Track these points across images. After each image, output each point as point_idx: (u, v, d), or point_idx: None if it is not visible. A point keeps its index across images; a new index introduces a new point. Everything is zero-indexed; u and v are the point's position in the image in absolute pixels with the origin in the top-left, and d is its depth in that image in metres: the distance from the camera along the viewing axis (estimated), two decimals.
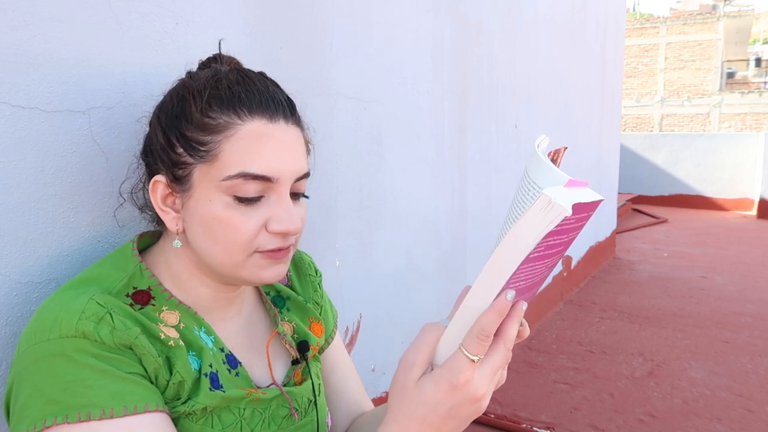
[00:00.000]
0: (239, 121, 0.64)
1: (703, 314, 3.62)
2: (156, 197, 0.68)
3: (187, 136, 0.65)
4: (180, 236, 0.69)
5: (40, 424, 0.56)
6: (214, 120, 0.64)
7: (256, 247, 0.66)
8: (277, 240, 0.66)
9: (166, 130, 0.67)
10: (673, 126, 22.63)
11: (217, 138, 0.64)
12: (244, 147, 0.64)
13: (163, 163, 0.67)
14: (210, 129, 0.64)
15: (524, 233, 0.48)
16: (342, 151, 1.50)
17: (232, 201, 0.64)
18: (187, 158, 0.65)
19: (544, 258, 0.52)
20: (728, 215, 8.09)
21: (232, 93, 0.65)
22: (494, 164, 2.53)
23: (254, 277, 0.68)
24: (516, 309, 0.55)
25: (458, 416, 0.56)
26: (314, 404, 0.79)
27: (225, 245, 0.65)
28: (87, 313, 0.59)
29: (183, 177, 0.66)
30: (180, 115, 0.66)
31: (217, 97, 0.65)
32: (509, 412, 2.33)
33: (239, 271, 0.67)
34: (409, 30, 1.78)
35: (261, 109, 0.66)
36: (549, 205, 0.46)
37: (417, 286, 1.95)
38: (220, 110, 0.65)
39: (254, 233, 0.65)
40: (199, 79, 0.68)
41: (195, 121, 0.65)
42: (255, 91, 0.66)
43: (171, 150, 0.66)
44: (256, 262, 0.67)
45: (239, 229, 0.64)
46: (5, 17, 0.71)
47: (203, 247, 0.67)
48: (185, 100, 0.66)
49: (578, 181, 0.49)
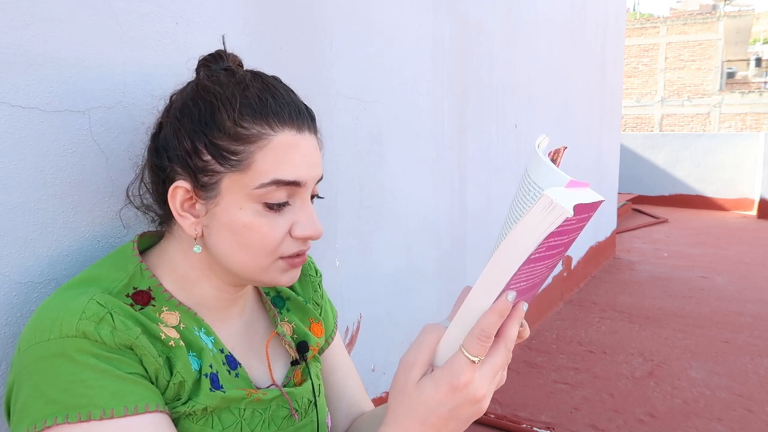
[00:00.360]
0: (272, 132, 0.65)
1: (703, 314, 3.62)
2: (175, 202, 0.67)
3: (218, 145, 0.65)
4: (198, 240, 0.69)
5: (40, 424, 0.56)
6: (247, 130, 0.65)
7: (280, 254, 0.68)
8: (299, 244, 0.69)
9: (191, 136, 0.66)
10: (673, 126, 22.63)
11: (251, 148, 0.65)
12: (277, 157, 0.65)
13: (186, 168, 0.66)
14: (243, 139, 0.65)
15: (525, 234, 0.47)
16: (342, 151, 1.50)
17: (261, 209, 0.66)
18: (215, 166, 0.65)
19: (545, 259, 0.52)
20: (728, 215, 8.09)
21: (262, 103, 0.66)
22: (494, 164, 2.53)
23: (273, 281, 0.70)
24: (517, 310, 0.55)
25: (459, 417, 0.56)
26: (314, 405, 0.79)
27: (251, 251, 0.67)
28: (88, 313, 0.59)
29: (210, 184, 0.66)
30: (210, 122, 0.65)
31: (248, 107, 0.65)
32: (509, 412, 2.33)
33: (261, 275, 0.69)
34: (409, 30, 1.78)
35: (291, 120, 0.67)
36: (550, 205, 0.46)
37: (417, 286, 1.95)
38: (253, 120, 0.65)
39: (280, 239, 0.67)
40: (224, 84, 0.67)
41: (227, 130, 0.65)
42: (283, 103, 0.67)
43: (197, 156, 0.66)
44: (279, 266, 0.69)
45: (268, 236, 0.66)
46: (5, 17, 0.70)
47: (228, 252, 0.67)
48: (214, 107, 0.65)
49: (579, 182, 0.49)
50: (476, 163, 2.34)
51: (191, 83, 0.70)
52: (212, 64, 0.72)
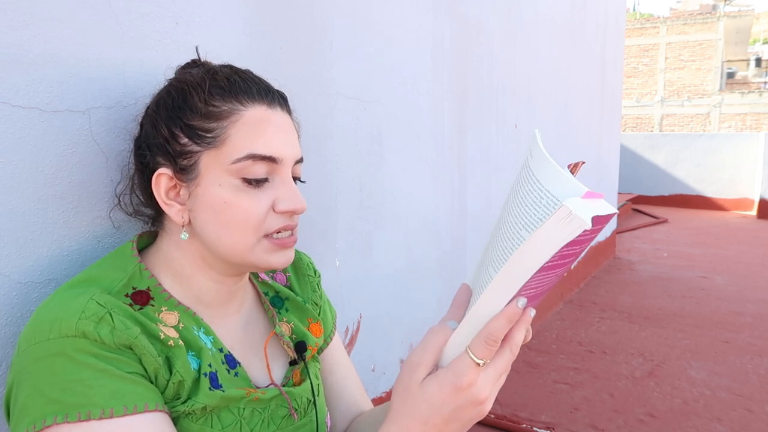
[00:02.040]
0: (242, 107, 0.68)
1: (703, 314, 3.62)
2: (160, 191, 0.69)
3: (192, 125, 0.67)
4: (186, 228, 0.70)
5: (40, 424, 0.56)
6: (218, 107, 0.67)
7: (265, 230, 0.68)
8: (285, 219, 0.69)
9: (167, 123, 0.69)
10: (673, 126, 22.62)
11: (223, 124, 0.67)
12: (249, 130, 0.67)
13: (166, 155, 0.69)
14: (215, 116, 0.67)
15: (541, 244, 0.48)
16: (342, 151, 1.50)
17: (240, 184, 0.67)
18: (192, 147, 0.67)
19: (556, 267, 0.52)
20: (728, 215, 8.09)
21: (230, 82, 0.69)
22: (494, 164, 2.53)
23: (263, 262, 0.69)
24: (524, 316, 0.55)
25: (460, 418, 0.57)
26: (313, 404, 0.79)
27: (235, 228, 0.67)
28: (87, 312, 0.59)
29: (189, 166, 0.68)
30: (182, 106, 0.68)
31: (217, 87, 0.68)
32: (509, 412, 2.33)
33: (248, 256, 0.69)
34: (409, 30, 1.78)
35: (260, 96, 0.69)
36: (569, 217, 0.46)
37: (417, 286, 1.95)
38: (222, 98, 0.68)
39: (263, 214, 0.67)
40: (194, 74, 0.70)
41: (199, 110, 0.67)
42: (251, 81, 0.70)
43: (174, 141, 0.68)
44: (264, 247, 0.69)
45: (249, 210, 0.67)
46: (5, 17, 0.70)
47: (213, 233, 0.68)
48: (186, 93, 0.69)
49: (594, 192, 0.49)
50: (476, 163, 2.34)
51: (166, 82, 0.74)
52: (186, 68, 0.76)
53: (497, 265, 0.52)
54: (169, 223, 0.72)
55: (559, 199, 0.47)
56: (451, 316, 0.60)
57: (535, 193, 0.50)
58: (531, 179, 0.51)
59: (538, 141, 0.52)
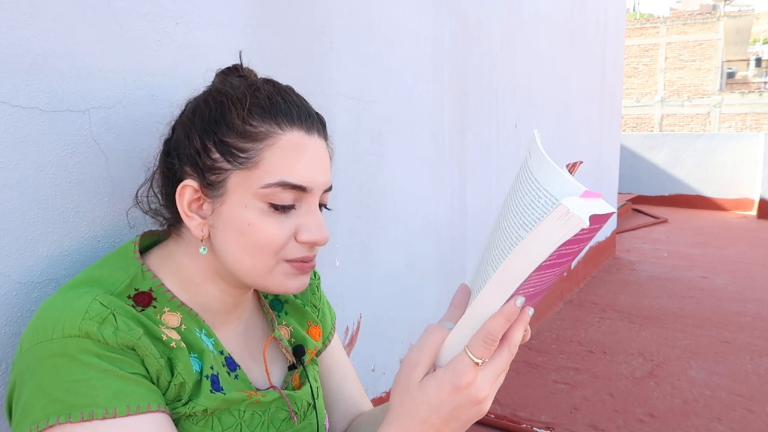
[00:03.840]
0: (280, 130, 0.66)
1: (703, 314, 3.62)
2: (183, 202, 0.67)
3: (226, 142, 0.65)
4: (205, 242, 0.69)
5: (42, 424, 0.56)
6: (255, 128, 0.65)
7: (284, 256, 0.67)
8: (305, 249, 0.68)
9: (202, 135, 0.67)
10: (673, 126, 22.62)
11: (258, 146, 0.65)
12: (284, 156, 0.65)
13: (195, 167, 0.67)
14: (251, 137, 0.65)
15: (539, 242, 0.48)
16: (342, 151, 1.50)
17: (267, 208, 0.65)
18: (223, 164, 0.66)
19: (554, 266, 0.52)
20: (728, 215, 8.09)
21: (271, 103, 0.66)
22: (494, 164, 2.53)
23: (280, 287, 0.68)
24: (523, 314, 0.55)
25: (459, 418, 0.57)
26: (313, 407, 0.79)
27: (255, 252, 0.66)
28: (90, 313, 0.59)
29: (217, 183, 0.66)
30: (220, 120, 0.66)
31: (257, 106, 0.66)
32: (509, 412, 2.33)
33: (265, 279, 0.68)
34: (409, 30, 1.78)
35: (300, 121, 0.67)
36: (567, 215, 0.46)
37: (417, 286, 1.95)
38: (261, 119, 0.66)
39: (285, 241, 0.66)
40: (235, 87, 0.68)
41: (236, 128, 0.65)
42: (292, 104, 0.68)
43: (206, 155, 0.66)
44: (284, 270, 0.68)
45: (272, 236, 0.65)
46: (5, 17, 0.70)
47: (232, 253, 0.67)
48: (224, 107, 0.66)
49: (592, 192, 0.49)
50: (476, 163, 2.34)
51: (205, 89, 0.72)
52: (228, 75, 0.73)
53: (495, 264, 0.52)
54: (186, 231, 0.71)
55: (557, 198, 0.47)
56: (449, 316, 0.60)
57: (533, 193, 0.50)
58: (529, 178, 0.51)
59: (537, 141, 0.52)
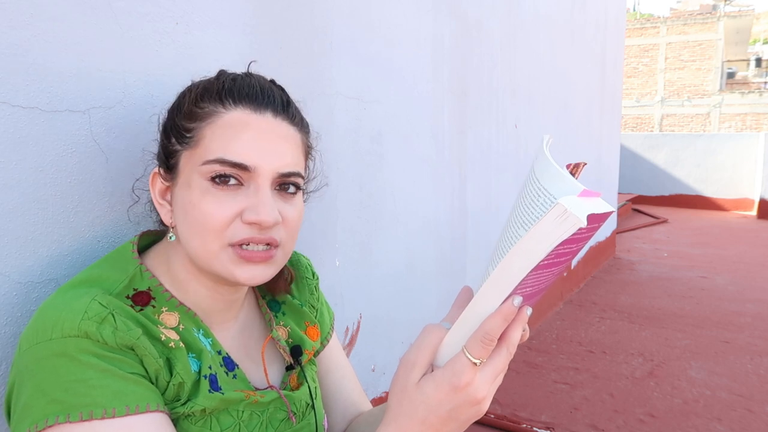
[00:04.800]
0: (223, 109, 0.67)
1: (703, 314, 3.62)
2: (155, 191, 0.71)
3: (176, 125, 0.69)
4: (174, 230, 0.70)
5: (42, 424, 0.56)
6: (202, 109, 0.68)
7: (229, 239, 0.65)
8: (252, 231, 0.65)
9: (165, 124, 0.72)
10: (673, 126, 22.62)
11: (201, 125, 0.67)
12: (224, 134, 0.66)
13: (159, 156, 0.72)
14: (195, 116, 0.68)
15: (537, 241, 0.48)
16: (342, 151, 1.50)
17: (209, 186, 0.65)
18: (176, 146, 0.69)
19: (553, 266, 0.52)
20: (728, 215, 8.09)
21: (222, 85, 0.68)
22: (494, 164, 2.53)
23: (227, 273, 0.66)
24: (520, 314, 0.55)
25: (458, 418, 0.56)
26: (312, 408, 0.79)
27: (199, 232, 0.65)
28: (90, 313, 0.59)
29: (173, 166, 0.69)
30: (176, 107, 0.71)
31: (208, 89, 0.69)
32: (509, 412, 2.33)
33: (213, 263, 0.66)
34: (409, 30, 1.78)
35: (247, 99, 0.67)
36: (564, 214, 0.46)
37: (417, 286, 1.95)
38: (209, 100, 0.68)
39: (226, 220, 0.64)
40: (204, 79, 0.72)
41: (184, 110, 0.69)
42: (246, 84, 0.68)
43: (167, 140, 0.70)
44: (229, 256, 0.65)
45: (212, 214, 0.64)
46: (5, 17, 0.70)
47: (184, 235, 0.68)
48: (183, 94, 0.71)
49: (591, 191, 0.49)
50: (476, 163, 2.34)
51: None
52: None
53: (494, 263, 0.52)
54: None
55: (555, 197, 0.47)
56: (450, 317, 0.60)
57: (533, 192, 0.50)
58: (533, 180, 0.51)
59: (544, 145, 0.52)
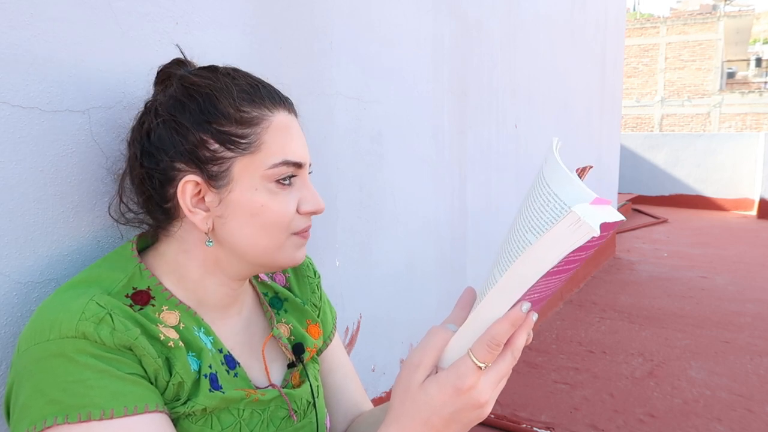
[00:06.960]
0: (269, 113, 0.69)
1: (703, 314, 3.62)
2: (186, 199, 0.67)
3: (225, 131, 0.67)
4: (210, 234, 0.69)
5: (40, 424, 0.56)
6: (249, 114, 0.68)
7: (293, 229, 0.71)
8: (306, 219, 0.73)
9: (197, 129, 0.67)
10: (673, 126, 22.62)
11: (257, 130, 0.68)
12: (278, 136, 0.69)
13: (193, 162, 0.67)
14: (247, 122, 0.68)
15: (548, 249, 0.47)
16: (342, 151, 1.50)
17: (274, 187, 0.69)
18: (225, 153, 0.67)
19: (561, 273, 0.52)
20: (728, 215, 8.09)
21: (254, 89, 0.70)
22: (494, 164, 2.53)
23: (288, 259, 0.72)
24: (527, 320, 0.55)
25: (460, 420, 0.57)
26: (313, 406, 0.79)
27: (270, 230, 0.69)
28: (87, 313, 0.59)
29: (220, 173, 0.67)
30: (213, 111, 0.67)
31: (244, 92, 0.69)
32: (509, 412, 2.33)
33: (277, 255, 0.71)
34: (409, 30, 1.78)
35: (281, 102, 0.72)
36: (577, 223, 0.45)
37: (417, 286, 1.95)
38: (250, 105, 0.68)
39: (293, 215, 0.70)
40: (212, 78, 0.69)
41: (231, 117, 0.67)
42: (270, 88, 0.72)
43: (204, 147, 0.67)
44: (293, 242, 0.72)
45: (283, 212, 0.69)
46: (5, 17, 0.70)
47: (246, 236, 0.69)
48: (213, 98, 0.67)
49: (603, 199, 0.49)
50: (476, 163, 2.34)
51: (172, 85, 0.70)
52: (176, 69, 0.73)
53: (502, 268, 0.52)
54: (179, 230, 0.71)
55: (567, 204, 0.47)
56: (453, 318, 0.60)
57: (543, 197, 0.49)
58: (542, 183, 0.51)
59: (553, 148, 0.52)
